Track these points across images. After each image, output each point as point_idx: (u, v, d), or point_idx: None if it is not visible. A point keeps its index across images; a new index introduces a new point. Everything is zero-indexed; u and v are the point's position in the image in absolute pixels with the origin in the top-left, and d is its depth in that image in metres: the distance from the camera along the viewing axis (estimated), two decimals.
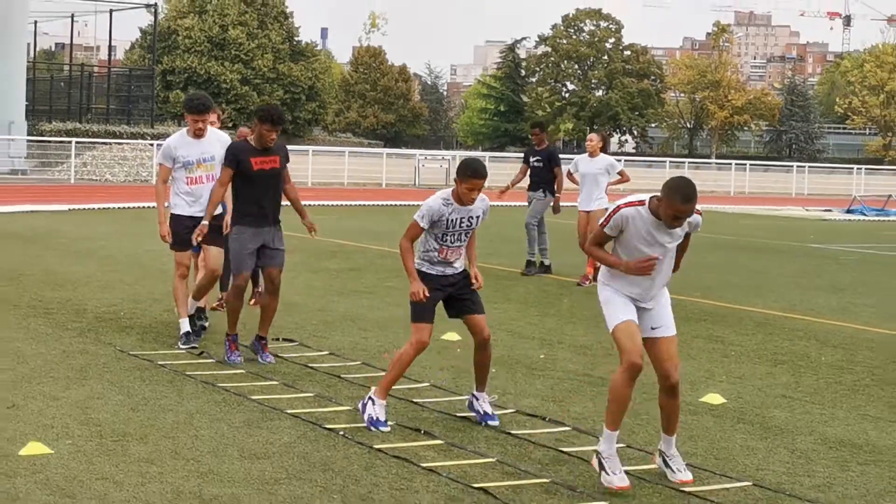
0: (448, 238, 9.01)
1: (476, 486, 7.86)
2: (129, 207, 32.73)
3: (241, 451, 8.51)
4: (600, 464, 7.70)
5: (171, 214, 11.99)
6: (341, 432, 9.11)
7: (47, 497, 7.28)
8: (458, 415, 9.74)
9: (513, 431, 9.35)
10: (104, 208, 33.04)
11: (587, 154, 19.96)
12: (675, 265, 8.35)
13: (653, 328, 8.02)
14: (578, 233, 18.84)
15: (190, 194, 11.84)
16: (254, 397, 10.18)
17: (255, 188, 10.94)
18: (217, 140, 11.97)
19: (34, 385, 10.32)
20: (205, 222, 11.30)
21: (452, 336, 13.39)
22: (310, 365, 11.49)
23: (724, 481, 8.23)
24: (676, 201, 7.51)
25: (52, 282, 16.94)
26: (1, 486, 7.45)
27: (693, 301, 17.61)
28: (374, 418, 8.98)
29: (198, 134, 11.84)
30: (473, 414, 9.51)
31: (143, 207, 30.63)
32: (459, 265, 9.28)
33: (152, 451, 8.41)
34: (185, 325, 12.17)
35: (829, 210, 47.90)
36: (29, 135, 51.00)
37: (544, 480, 8.05)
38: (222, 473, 7.95)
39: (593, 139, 20.11)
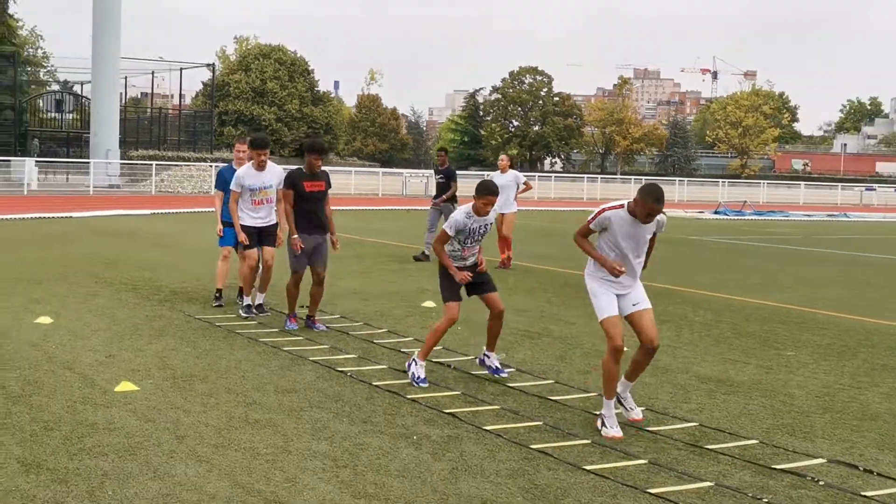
0: (468, 241, 8.88)
1: (447, 411, 7.91)
2: (193, 212, 32.63)
3: (275, 388, 8.54)
4: (602, 422, 7.46)
5: (242, 225, 11.87)
6: (349, 374, 9.13)
7: (135, 421, 7.31)
8: (433, 360, 9.75)
9: (473, 372, 9.39)
10: (176, 212, 32.97)
11: (499, 171, 19.31)
12: (644, 263, 7.98)
13: (634, 304, 7.73)
14: (497, 229, 18.44)
15: (253, 210, 11.86)
16: (285, 349, 10.20)
17: (308, 205, 10.91)
18: (272, 172, 11.91)
19: (125, 340, 10.33)
20: (294, 236, 10.91)
21: (430, 304, 13.43)
22: (326, 325, 11.52)
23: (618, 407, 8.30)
24: (649, 201, 7.31)
25: (138, 265, 16.93)
26: (101, 414, 7.50)
27: (577, 273, 17.67)
28: (417, 376, 8.75)
29: (261, 166, 11.74)
30: (485, 370, 9.26)
31: (204, 212, 30.48)
32: (472, 260, 9.12)
33: (211, 388, 8.44)
34: (246, 300, 12.15)
35: (702, 212, 48.12)
36: (121, 159, 51.10)
37: (496, 407, 8.09)
38: (262, 403, 7.99)
39: (504, 159, 19.55)
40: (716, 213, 48.22)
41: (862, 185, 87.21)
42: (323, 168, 11.11)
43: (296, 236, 10.83)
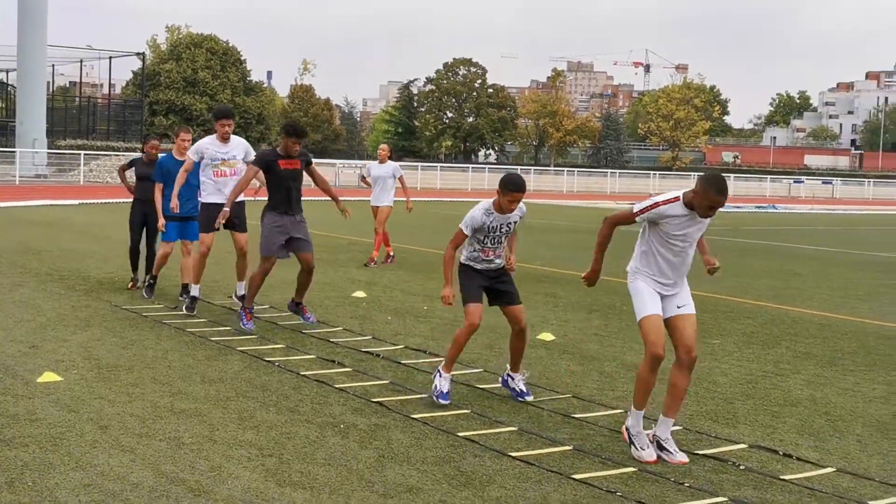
0: (488, 241, 7.84)
1: (374, 400, 7.91)
2: (122, 202, 32.25)
3: (202, 377, 8.49)
4: (630, 439, 6.76)
5: (202, 203, 11.51)
6: (276, 363, 9.11)
7: (57, 412, 7.23)
8: (362, 350, 9.76)
9: (402, 361, 9.41)
10: (105, 202, 32.59)
11: (378, 161, 17.85)
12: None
13: (678, 307, 6.88)
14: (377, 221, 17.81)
15: (216, 185, 11.35)
16: (213, 339, 10.15)
17: (283, 183, 10.40)
18: (237, 144, 11.56)
19: (49, 331, 10.20)
20: (226, 209, 10.66)
21: (360, 293, 13.43)
22: (195, 298, 11.57)
23: (551, 395, 8.36)
24: (712, 192, 6.59)
25: (64, 256, 16.76)
26: (22, 404, 7.40)
27: (536, 268, 17.78)
28: (439, 390, 7.79)
29: (224, 138, 11.37)
30: (509, 392, 8.24)
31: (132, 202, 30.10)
32: (500, 261, 8.07)
33: (137, 378, 8.36)
34: (194, 290, 11.69)
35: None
36: (48, 148, 50.47)
37: (424, 396, 8.11)
38: (189, 393, 7.94)
39: (384, 149, 18.00)
40: None
41: (790, 178, 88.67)
42: (301, 150, 10.60)
43: (227, 209, 10.58)
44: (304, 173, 10.77)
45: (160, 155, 12.88)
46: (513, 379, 8.17)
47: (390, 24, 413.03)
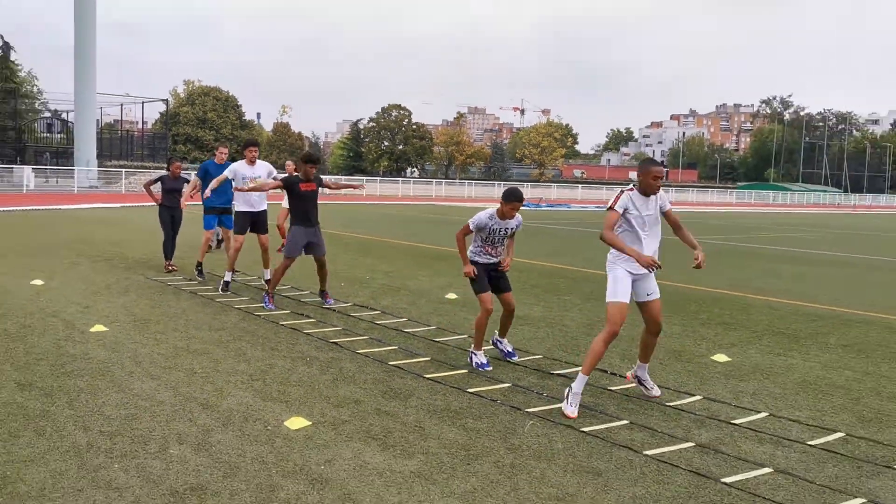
0: (490, 240, 7.16)
1: (331, 341, 7.87)
2: (152, 206, 31.60)
3: (209, 327, 8.38)
4: (567, 396, 5.91)
5: (236, 211, 10.93)
6: (262, 316, 9.02)
7: (104, 352, 7.09)
8: (323, 307, 9.71)
9: (351, 314, 9.36)
10: (139, 206, 31.81)
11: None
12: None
13: (648, 294, 6.10)
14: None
15: (246, 198, 10.74)
16: (218, 300, 10.01)
17: (303, 203, 9.64)
18: (261, 166, 10.95)
19: (98, 295, 9.96)
20: (251, 183, 10.11)
21: (452, 295, 13.31)
22: (247, 284, 11.34)
23: (454, 335, 8.38)
24: (650, 166, 5.94)
25: (110, 243, 16.34)
26: (79, 347, 7.24)
27: (447, 249, 17.80)
28: (480, 363, 7.03)
29: (252, 161, 10.80)
30: (499, 352, 7.60)
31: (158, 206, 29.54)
32: (499, 257, 7.36)
33: (163, 328, 8.22)
34: (228, 276, 10.79)
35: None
36: (99, 167, 49.35)
37: (366, 338, 8.07)
38: (200, 338, 7.83)
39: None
40: (525, 205, 49.05)
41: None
42: (316, 174, 9.85)
43: (252, 184, 10.10)
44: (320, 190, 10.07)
45: (201, 163, 12.77)
46: (501, 342, 7.58)
47: (345, 79, 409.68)
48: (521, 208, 7.08)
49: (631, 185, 6.07)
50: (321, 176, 10.42)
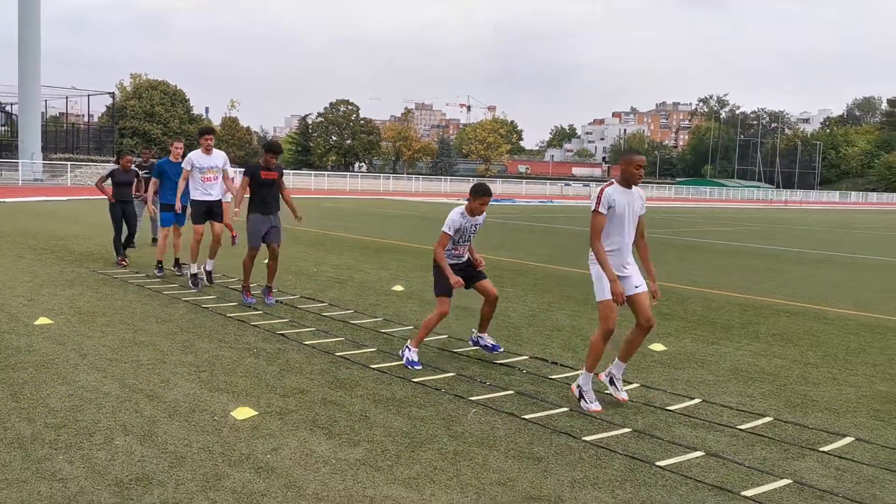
0: (460, 240, 6.94)
1: (278, 332, 7.81)
2: (99, 199, 30.92)
3: (156, 319, 8.25)
4: (580, 394, 5.82)
5: (192, 200, 10.44)
6: (210, 309, 8.91)
7: (49, 345, 6.93)
8: (265, 304, 9.64)
9: (298, 306, 9.30)
10: (85, 199, 31.09)
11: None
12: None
13: (636, 287, 5.80)
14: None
15: (204, 188, 10.38)
16: (164, 293, 9.86)
17: (263, 190, 9.34)
18: (218, 155, 10.55)
19: (43, 288, 9.73)
20: (236, 209, 9.52)
21: (398, 287, 13.19)
22: (197, 276, 11.17)
23: (400, 327, 8.40)
24: (632, 156, 5.74)
25: (55, 236, 15.96)
26: (23, 340, 7.06)
27: (393, 242, 17.80)
28: (411, 360, 6.74)
29: (208, 150, 10.41)
30: (481, 349, 7.34)
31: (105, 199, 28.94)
32: (466, 258, 7.13)
33: (108, 320, 8.07)
34: (193, 269, 10.41)
35: (459, 199, 49.33)
36: (43, 160, 48.12)
37: (313, 329, 8.04)
38: (146, 330, 7.70)
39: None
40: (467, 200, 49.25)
41: (563, 182, 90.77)
42: (277, 163, 9.54)
43: (237, 209, 9.42)
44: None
45: (154, 160, 12.49)
46: (482, 339, 7.31)
47: (293, 74, 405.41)
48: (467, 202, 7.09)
49: (611, 180, 5.84)
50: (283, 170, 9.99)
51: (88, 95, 63.49)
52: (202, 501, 3.95)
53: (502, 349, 7.31)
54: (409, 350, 6.89)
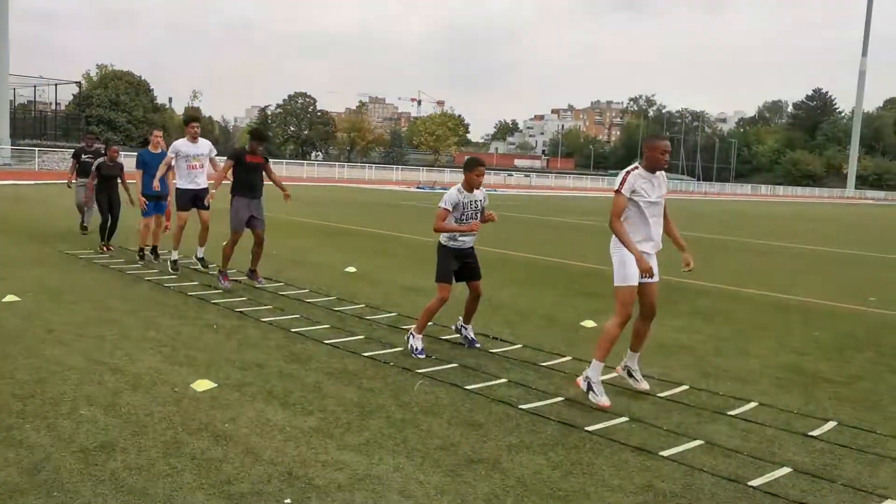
0: (463, 219, 6.39)
1: (237, 310, 7.72)
2: (65, 182, 30.14)
3: (121, 297, 8.08)
4: (589, 386, 5.28)
5: (177, 188, 9.76)
6: (172, 287, 8.77)
7: (17, 321, 6.76)
8: (255, 287, 9.50)
9: (255, 286, 9.18)
10: (53, 183, 30.17)
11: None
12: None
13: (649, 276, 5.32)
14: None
15: (188, 176, 9.70)
16: (128, 272, 9.66)
17: (247, 174, 8.84)
18: (203, 143, 9.92)
19: (12, 268, 9.44)
20: (213, 191, 9.20)
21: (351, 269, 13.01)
22: (161, 257, 10.95)
23: (351, 305, 8.37)
24: (657, 142, 5.28)
25: (25, 219, 15.51)
26: None
27: (342, 226, 17.68)
28: (414, 348, 6.36)
29: (194, 137, 9.75)
30: (462, 339, 6.90)
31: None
32: (470, 241, 6.61)
33: (75, 298, 7.88)
34: (174, 255, 9.87)
35: (409, 187, 49.09)
36: (12, 146, 46.59)
37: (270, 307, 7.94)
38: (111, 307, 7.54)
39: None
40: (418, 188, 49.14)
41: (506, 173, 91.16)
42: (263, 149, 9.02)
43: (214, 190, 8.90)
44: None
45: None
46: (466, 329, 6.87)
47: (254, 66, 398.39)
48: (416, 190, 7.08)
49: (636, 164, 5.32)
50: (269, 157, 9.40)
51: (56, 84, 61.81)
52: (163, 466, 3.90)
53: (480, 346, 6.78)
54: (414, 337, 6.46)
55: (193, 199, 9.75)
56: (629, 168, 5.32)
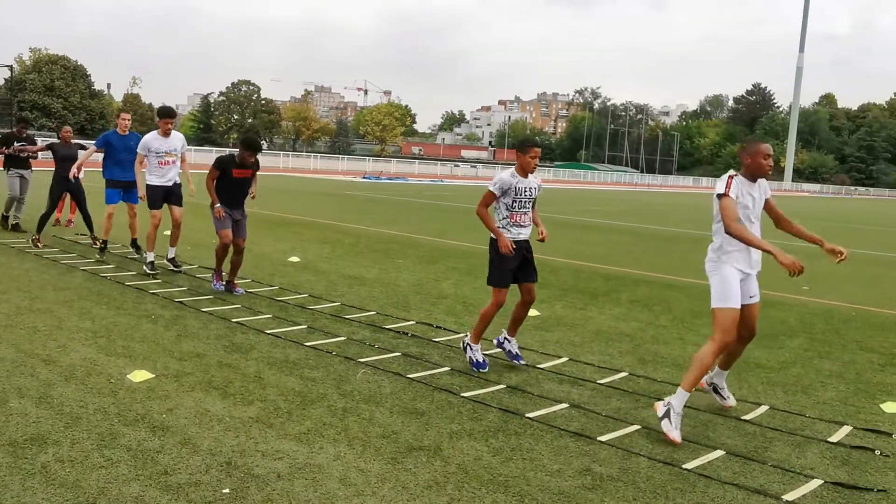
0: (516, 205, 5.67)
1: (176, 300, 7.59)
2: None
3: (54, 287, 7.86)
4: (667, 413, 4.65)
5: (147, 185, 9.12)
6: (108, 277, 8.56)
7: None
8: (169, 269, 9.30)
9: (197, 276, 9.03)
10: None
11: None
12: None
13: (751, 297, 4.81)
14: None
15: (160, 172, 9.06)
16: (62, 262, 9.39)
17: (233, 188, 8.14)
18: (176, 137, 9.21)
19: None
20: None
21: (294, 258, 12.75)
22: (154, 263, 10.66)
23: (294, 296, 8.30)
24: (760, 145, 4.68)
25: None
26: None
27: (289, 216, 17.49)
28: (475, 360, 5.83)
29: (167, 132, 9.11)
30: (504, 353, 6.11)
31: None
32: (527, 232, 5.84)
33: (5, 288, 7.63)
34: (150, 256, 9.06)
35: (355, 178, 48.75)
36: None
37: (211, 297, 7.83)
38: (44, 298, 7.33)
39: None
40: (364, 178, 48.87)
41: (452, 163, 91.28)
42: (254, 161, 8.30)
43: (218, 205, 8.05)
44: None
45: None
46: (509, 342, 6.07)
47: (196, 53, 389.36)
48: (363, 180, 7.01)
49: (734, 172, 4.75)
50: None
51: None
52: (97, 458, 3.82)
53: (524, 362, 6.04)
54: (472, 349, 5.90)
55: (165, 196, 9.21)
56: (730, 173, 4.73)
